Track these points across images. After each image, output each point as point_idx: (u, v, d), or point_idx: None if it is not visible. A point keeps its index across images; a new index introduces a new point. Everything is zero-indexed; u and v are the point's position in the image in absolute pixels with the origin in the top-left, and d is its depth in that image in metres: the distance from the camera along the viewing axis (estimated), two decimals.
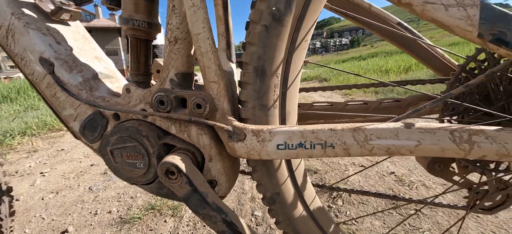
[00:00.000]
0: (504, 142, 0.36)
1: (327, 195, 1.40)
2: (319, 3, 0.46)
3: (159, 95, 0.52)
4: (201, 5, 0.43)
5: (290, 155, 0.45)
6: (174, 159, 0.48)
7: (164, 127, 0.54)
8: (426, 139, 0.39)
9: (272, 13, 0.44)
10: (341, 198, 1.37)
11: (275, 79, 0.49)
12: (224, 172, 0.56)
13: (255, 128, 0.46)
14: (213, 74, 0.49)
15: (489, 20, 0.33)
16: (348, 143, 0.42)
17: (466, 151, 0.38)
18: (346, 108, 0.63)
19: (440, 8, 0.34)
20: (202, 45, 0.46)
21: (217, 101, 0.51)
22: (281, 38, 0.46)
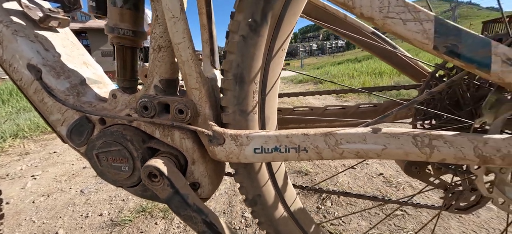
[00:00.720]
0: (460, 146, 0.39)
1: (316, 196, 1.43)
2: (294, 15, 0.49)
3: (143, 101, 0.54)
4: (181, 17, 0.45)
5: (266, 158, 0.48)
6: (156, 162, 0.50)
7: (149, 131, 0.56)
8: (391, 143, 0.42)
9: (249, 24, 0.46)
10: (330, 199, 1.39)
11: (254, 86, 0.51)
12: (207, 174, 0.58)
13: (234, 132, 0.48)
14: (194, 81, 0.51)
15: (442, 33, 0.36)
16: (320, 147, 0.45)
17: (427, 154, 0.41)
18: (325, 113, 0.66)
19: (399, 22, 0.37)
20: (183, 54, 0.48)
21: (199, 107, 0.53)
22: (258, 47, 0.48)
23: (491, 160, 0.37)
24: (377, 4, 0.36)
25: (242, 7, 0.46)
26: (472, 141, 0.38)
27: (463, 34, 0.35)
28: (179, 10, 0.45)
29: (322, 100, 4.19)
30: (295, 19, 0.50)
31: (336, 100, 4.24)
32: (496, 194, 0.44)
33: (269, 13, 0.46)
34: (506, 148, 0.36)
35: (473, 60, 0.35)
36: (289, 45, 0.57)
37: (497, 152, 0.37)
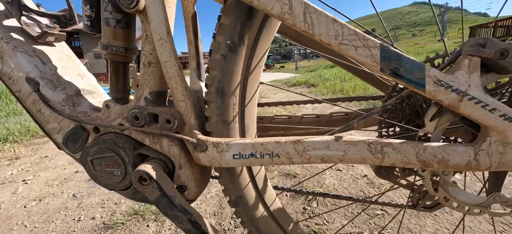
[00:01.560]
0: (406, 152, 0.45)
1: (303, 198, 1.49)
2: (268, 36, 0.55)
3: (134, 111, 0.59)
4: (168, 39, 0.51)
5: (244, 163, 0.54)
6: (146, 167, 0.56)
7: (139, 139, 0.62)
8: (350, 150, 0.49)
9: (228, 45, 0.53)
10: (316, 200, 1.46)
11: (234, 99, 0.57)
12: (193, 178, 0.63)
13: (215, 140, 0.54)
14: (180, 94, 0.57)
15: (387, 58, 0.42)
16: (290, 153, 0.51)
17: (379, 159, 0.47)
18: (302, 121, 0.72)
19: (351, 48, 0.43)
20: (170, 71, 0.54)
21: (185, 117, 0.59)
22: (236, 64, 0.54)
23: (430, 164, 0.44)
24: (333, 33, 0.43)
25: (222, 30, 0.52)
26: (415, 148, 0.45)
27: (403, 59, 0.42)
28: (165, 33, 0.51)
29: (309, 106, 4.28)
30: (269, 40, 0.56)
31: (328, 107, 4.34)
32: (441, 193, 0.51)
33: (245, 36, 0.52)
34: (441, 153, 0.43)
35: (411, 81, 0.42)
36: (284, 48, 0.64)
37: (434, 157, 0.44)
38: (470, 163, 0.43)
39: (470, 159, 0.43)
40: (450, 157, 0.43)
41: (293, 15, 0.43)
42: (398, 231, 0.83)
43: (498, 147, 0.41)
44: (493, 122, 0.40)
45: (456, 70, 0.41)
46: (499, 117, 0.40)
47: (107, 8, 0.58)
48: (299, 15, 0.43)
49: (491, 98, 0.40)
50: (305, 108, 3.90)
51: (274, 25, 0.54)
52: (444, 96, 0.41)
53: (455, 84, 0.40)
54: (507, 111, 0.39)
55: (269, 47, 0.58)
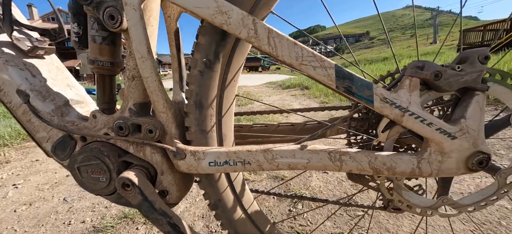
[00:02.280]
0: (360, 160, 0.51)
1: (289, 200, 1.54)
2: (242, 53, 0.61)
3: (119, 122, 0.64)
4: (148, 56, 0.56)
5: (219, 170, 0.59)
6: (129, 174, 0.60)
7: (124, 147, 0.66)
8: (313, 158, 0.54)
9: (204, 62, 0.58)
10: (301, 202, 1.52)
11: (211, 110, 0.62)
12: (175, 183, 0.68)
13: (193, 149, 0.59)
14: (161, 106, 0.61)
15: (341, 77, 0.48)
16: (261, 161, 0.56)
17: (339, 167, 0.53)
18: (278, 129, 0.78)
19: (310, 68, 0.49)
20: (151, 85, 0.59)
21: (166, 127, 0.64)
22: (212, 79, 0.59)
23: (380, 171, 0.50)
24: (293, 54, 0.49)
25: (198, 49, 0.57)
26: (367, 156, 0.50)
27: (355, 78, 0.48)
28: (146, 51, 0.56)
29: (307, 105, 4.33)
30: (243, 56, 0.62)
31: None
32: (396, 197, 0.57)
33: (220, 54, 0.58)
34: (389, 162, 0.49)
35: (362, 98, 0.48)
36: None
37: (383, 165, 0.50)
38: (414, 170, 0.48)
39: (413, 167, 0.48)
40: (397, 164, 0.49)
41: (258, 39, 0.49)
42: (367, 230, 0.88)
43: (437, 156, 0.47)
44: (431, 135, 0.46)
45: (399, 89, 0.46)
46: (436, 130, 0.46)
47: (94, 26, 0.63)
48: (263, 39, 0.48)
49: (428, 114, 0.45)
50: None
51: (247, 43, 0.60)
52: (389, 112, 0.47)
53: (398, 101, 0.46)
54: (441, 125, 0.45)
55: (243, 62, 0.63)
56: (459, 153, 0.47)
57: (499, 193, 0.55)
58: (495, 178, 0.54)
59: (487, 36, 10.45)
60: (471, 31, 11.63)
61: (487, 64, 0.44)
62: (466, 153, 0.47)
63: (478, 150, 0.46)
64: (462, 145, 0.46)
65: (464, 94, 0.48)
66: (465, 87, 0.46)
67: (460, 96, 0.48)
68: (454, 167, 0.48)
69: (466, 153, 0.47)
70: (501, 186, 0.54)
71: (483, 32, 10.72)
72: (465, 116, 0.45)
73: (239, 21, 0.48)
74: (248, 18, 0.48)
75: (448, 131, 0.45)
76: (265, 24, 0.48)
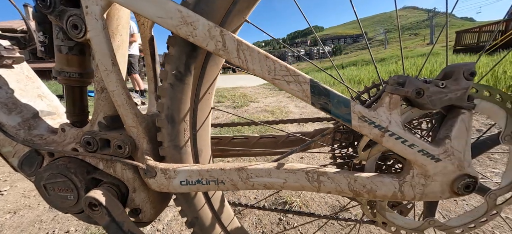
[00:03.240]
0: (339, 182, 0.47)
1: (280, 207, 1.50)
2: (216, 65, 0.57)
3: (86, 137, 0.60)
4: (113, 69, 0.52)
5: (192, 189, 0.55)
6: (95, 193, 0.57)
7: (93, 163, 0.63)
8: (290, 178, 0.50)
9: (175, 75, 0.54)
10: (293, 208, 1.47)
11: (184, 125, 0.58)
12: (149, 200, 0.64)
13: (164, 166, 0.56)
14: (131, 120, 0.58)
15: (316, 93, 0.44)
16: (235, 180, 0.53)
17: (317, 188, 0.49)
18: (259, 142, 0.74)
19: (283, 83, 0.45)
20: (118, 99, 0.55)
21: (137, 142, 0.60)
22: (184, 93, 0.56)
23: (360, 194, 0.46)
24: (265, 68, 0.45)
25: (168, 60, 0.53)
26: (347, 177, 0.47)
27: (331, 95, 0.44)
28: (110, 64, 0.52)
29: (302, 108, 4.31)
30: (217, 68, 0.58)
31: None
32: (379, 218, 0.53)
33: (192, 65, 0.54)
34: (369, 184, 0.45)
35: (339, 116, 0.44)
36: (277, 50, 0.65)
37: (363, 187, 0.46)
38: (396, 194, 0.45)
39: (395, 190, 0.45)
40: (377, 187, 0.45)
41: (227, 51, 0.45)
42: None
43: (420, 179, 0.44)
44: (413, 157, 0.42)
45: (379, 107, 0.43)
46: (418, 151, 0.42)
47: (59, 35, 0.59)
48: (232, 52, 0.45)
49: (409, 134, 0.42)
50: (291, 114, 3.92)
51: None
52: (368, 131, 0.43)
53: (377, 120, 0.42)
54: (424, 147, 0.42)
55: (218, 74, 0.59)
56: (444, 176, 0.43)
57: (488, 215, 0.51)
58: (484, 199, 0.50)
59: (482, 38, 10.45)
60: (466, 33, 11.62)
61: (474, 80, 0.40)
62: (451, 176, 0.43)
63: (464, 173, 0.43)
64: (447, 167, 0.42)
65: (449, 112, 0.44)
66: (450, 105, 0.43)
67: (445, 114, 0.45)
68: (439, 190, 0.44)
69: (451, 176, 0.43)
70: (491, 207, 0.51)
71: (478, 33, 10.72)
72: (450, 136, 0.42)
73: (205, 32, 0.44)
74: (215, 30, 0.44)
75: (431, 152, 0.42)
76: (234, 35, 0.44)
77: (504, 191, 0.49)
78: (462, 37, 11.51)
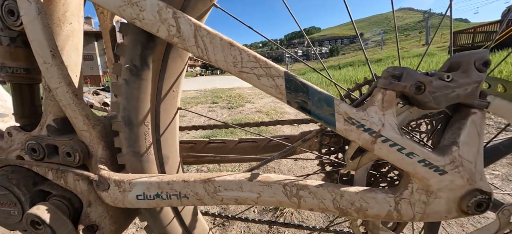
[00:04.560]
0: (322, 197, 0.39)
1: (271, 213, 1.42)
2: (180, 58, 0.48)
3: (31, 143, 0.51)
4: (54, 62, 0.44)
5: (150, 204, 0.47)
6: (38, 209, 0.48)
7: (42, 173, 0.54)
8: (264, 192, 0.42)
9: (129, 69, 0.45)
10: (284, 217, 1.39)
11: (144, 128, 0.50)
12: (108, 215, 0.55)
13: (118, 178, 0.47)
14: (81, 123, 0.49)
15: (292, 89, 0.36)
16: (200, 194, 0.44)
17: (297, 204, 0.41)
18: (238, 147, 0.65)
19: (252, 77, 0.37)
20: (63, 99, 0.46)
21: (91, 148, 0.51)
22: (142, 90, 0.47)
23: (348, 213, 0.38)
24: (230, 59, 0.36)
25: (121, 52, 0.45)
26: (331, 192, 0.38)
27: (310, 91, 0.35)
28: (50, 56, 0.43)
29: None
30: (182, 62, 0.49)
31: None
32: None
33: (149, 58, 0.45)
34: (359, 201, 0.37)
35: (321, 118, 0.36)
36: (275, 51, 0.56)
37: (351, 205, 0.37)
38: (391, 213, 0.36)
39: (390, 209, 0.36)
40: (368, 205, 0.37)
41: (182, 39, 0.36)
42: None
43: (421, 195, 0.35)
44: (412, 168, 0.34)
45: (370, 106, 0.34)
46: (418, 162, 0.33)
47: None
48: (189, 39, 0.36)
49: (407, 141, 0.33)
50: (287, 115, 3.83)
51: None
52: (357, 136, 0.35)
53: (367, 123, 0.34)
54: (426, 157, 0.33)
55: (184, 69, 0.51)
56: (451, 192, 0.35)
57: None
58: (496, 215, 0.42)
59: (477, 38, 10.44)
60: (461, 33, 11.61)
61: (487, 72, 0.32)
62: (460, 192, 0.35)
63: (475, 187, 0.34)
64: (454, 181, 0.34)
65: (456, 112, 0.36)
66: (457, 103, 0.34)
67: (451, 115, 0.36)
68: (444, 209, 0.35)
69: (460, 192, 0.35)
70: (504, 226, 0.42)
71: (473, 34, 10.71)
72: (458, 143, 0.33)
73: (154, 15, 0.36)
74: (167, 11, 0.35)
75: (435, 163, 0.33)
76: (191, 18, 0.36)
77: None
78: (457, 38, 11.50)
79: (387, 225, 0.70)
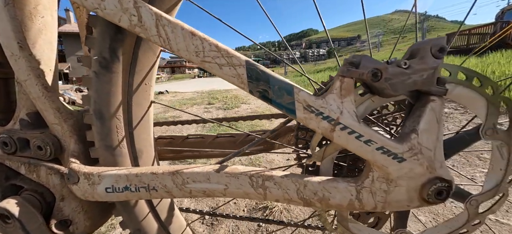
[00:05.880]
0: (287, 188, 0.39)
1: (260, 213, 1.41)
2: (151, 51, 0.48)
3: (2, 137, 0.51)
4: (22, 54, 0.44)
5: (120, 197, 0.46)
6: (8, 203, 0.48)
7: (14, 167, 0.53)
8: (232, 183, 0.42)
9: (99, 61, 0.45)
10: (273, 216, 1.39)
11: (116, 121, 0.50)
12: (82, 210, 0.55)
13: (87, 170, 0.47)
14: (52, 117, 0.49)
15: (254, 79, 0.36)
16: (169, 186, 0.44)
17: (263, 195, 0.41)
18: (216, 141, 0.65)
19: (214, 66, 0.37)
20: (32, 91, 0.46)
21: (63, 142, 0.51)
22: (113, 83, 0.47)
23: (311, 203, 0.38)
24: (192, 48, 0.36)
25: (90, 44, 0.45)
26: (295, 183, 0.38)
27: (271, 80, 0.35)
28: (17, 47, 0.43)
29: None
30: (154, 54, 0.49)
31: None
32: (341, 229, 0.45)
33: (118, 50, 0.45)
34: (321, 191, 0.37)
35: (282, 107, 0.36)
36: (273, 52, 0.56)
37: (314, 195, 0.37)
38: (353, 202, 0.36)
39: (352, 198, 0.36)
40: (331, 195, 0.37)
41: (144, 28, 0.36)
42: None
43: (382, 184, 0.35)
44: (371, 156, 0.34)
45: (328, 94, 0.34)
46: (377, 150, 0.33)
47: None
48: (151, 28, 0.36)
49: (366, 128, 0.33)
50: None
51: None
52: (316, 125, 0.35)
53: (326, 110, 0.34)
54: (385, 144, 0.33)
55: (156, 62, 0.51)
56: (411, 180, 0.34)
57: (470, 225, 0.43)
58: (464, 206, 0.42)
59: (472, 40, 10.51)
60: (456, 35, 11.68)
61: (444, 59, 0.32)
62: (420, 180, 0.34)
63: (435, 176, 0.34)
64: (414, 169, 0.34)
65: (417, 101, 0.36)
66: (417, 91, 0.35)
67: (413, 103, 0.37)
68: (405, 198, 0.35)
69: (420, 180, 0.34)
70: (472, 217, 0.42)
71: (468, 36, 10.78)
72: (417, 130, 0.33)
73: (116, 4, 0.36)
74: (127, 1, 0.35)
75: (393, 151, 0.33)
76: (152, 8, 0.36)
77: (487, 197, 0.41)
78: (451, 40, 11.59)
79: (368, 220, 0.70)
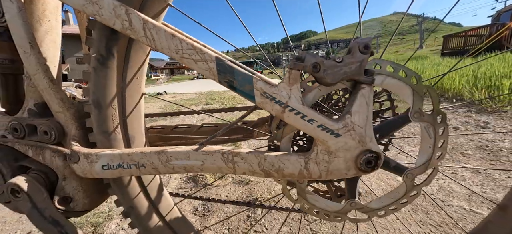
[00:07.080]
0: (251, 162, 0.47)
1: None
2: (142, 49, 0.57)
3: (13, 123, 0.59)
4: (32, 52, 0.52)
5: (114, 173, 0.54)
6: (18, 179, 0.56)
7: (22, 151, 0.62)
8: (207, 160, 0.50)
9: (97, 58, 0.54)
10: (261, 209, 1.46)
11: (111, 110, 0.58)
12: (82, 189, 0.63)
13: (86, 151, 0.55)
14: (56, 105, 0.57)
15: (222, 71, 0.44)
16: (155, 164, 0.52)
17: (233, 169, 0.49)
18: (200, 130, 0.74)
19: (191, 61, 0.45)
20: (40, 83, 0.55)
21: (66, 128, 0.59)
22: (109, 77, 0.55)
23: (270, 173, 0.46)
24: (173, 47, 0.45)
25: (90, 44, 0.53)
26: (257, 157, 0.47)
27: (235, 72, 0.44)
28: (29, 47, 0.52)
29: None
30: (144, 52, 0.58)
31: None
32: (301, 201, 0.53)
33: (113, 49, 0.54)
34: (277, 163, 0.45)
35: (245, 94, 0.44)
36: (272, 54, 0.64)
37: (272, 166, 0.46)
38: (302, 172, 0.45)
39: (301, 168, 0.45)
40: (284, 166, 0.45)
41: (134, 31, 0.45)
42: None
43: (324, 156, 0.44)
44: (314, 132, 0.42)
45: (280, 83, 0.43)
46: (317, 127, 0.42)
47: None
48: (139, 31, 0.45)
49: (308, 110, 0.42)
50: None
51: None
52: (270, 108, 0.43)
53: (278, 96, 0.42)
54: (323, 122, 0.42)
55: (146, 59, 0.59)
56: (347, 152, 0.43)
57: (409, 196, 0.52)
58: (402, 179, 0.51)
59: (468, 42, 10.69)
60: (453, 37, 11.88)
61: (369, 54, 0.40)
62: (354, 152, 0.43)
63: (366, 148, 0.43)
64: (348, 143, 0.43)
65: (353, 89, 0.44)
66: (353, 80, 0.43)
67: (351, 90, 0.45)
68: (344, 167, 0.44)
69: (354, 152, 0.43)
70: (410, 188, 0.51)
71: (464, 38, 10.96)
72: (350, 111, 0.42)
73: (111, 11, 0.44)
74: (120, 9, 0.44)
75: (330, 128, 0.42)
76: (140, 14, 0.44)
77: (420, 170, 0.50)
78: (449, 41, 11.77)
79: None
